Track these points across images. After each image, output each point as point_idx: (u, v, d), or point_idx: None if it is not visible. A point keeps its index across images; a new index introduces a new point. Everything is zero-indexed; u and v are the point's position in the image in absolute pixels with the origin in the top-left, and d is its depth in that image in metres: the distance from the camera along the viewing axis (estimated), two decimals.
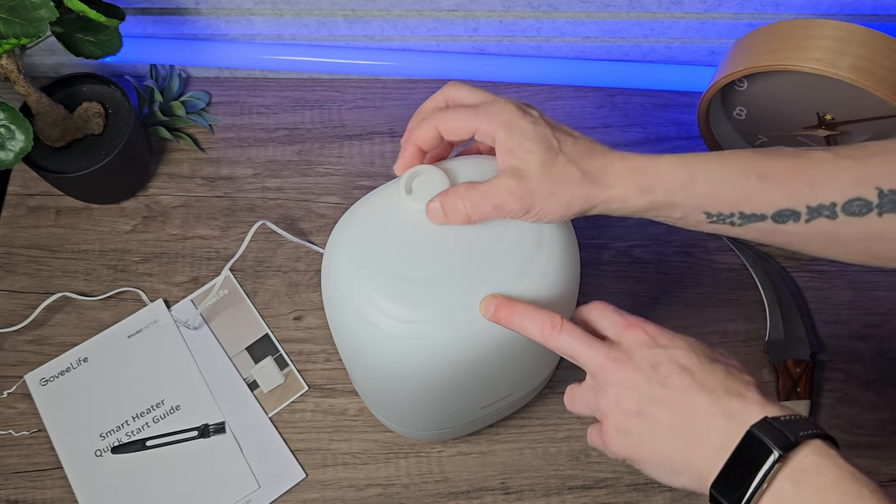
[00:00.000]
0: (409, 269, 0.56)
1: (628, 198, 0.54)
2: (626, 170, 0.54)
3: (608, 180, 0.54)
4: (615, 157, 0.54)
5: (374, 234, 0.57)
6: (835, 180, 0.52)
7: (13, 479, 0.76)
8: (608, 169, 0.54)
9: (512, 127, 0.54)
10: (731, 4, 0.82)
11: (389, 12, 0.86)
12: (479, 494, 0.75)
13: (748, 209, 0.54)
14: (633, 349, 0.51)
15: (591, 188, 0.54)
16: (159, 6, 0.87)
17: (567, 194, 0.53)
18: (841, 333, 0.81)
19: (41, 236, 0.86)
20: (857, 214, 0.52)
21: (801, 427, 0.46)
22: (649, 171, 0.53)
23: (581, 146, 0.54)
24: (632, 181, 0.54)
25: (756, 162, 0.54)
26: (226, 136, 0.91)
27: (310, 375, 0.80)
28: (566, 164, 0.53)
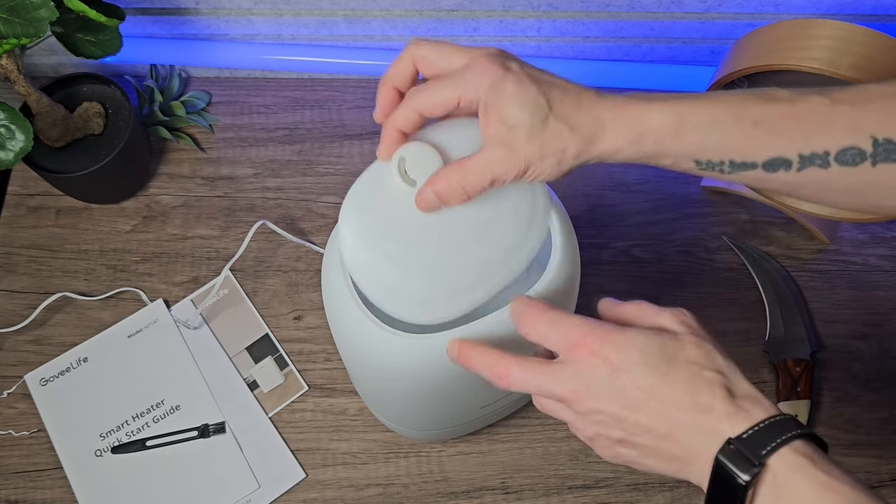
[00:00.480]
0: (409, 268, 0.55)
1: (619, 150, 0.52)
2: (616, 122, 0.51)
3: (599, 135, 0.51)
4: (605, 108, 0.51)
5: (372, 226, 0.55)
6: (829, 128, 0.51)
7: (13, 479, 0.76)
8: (598, 123, 0.51)
9: (496, 91, 0.51)
10: (731, 4, 0.82)
11: (389, 12, 0.86)
12: (479, 494, 0.75)
13: (738, 157, 0.52)
14: (586, 375, 0.48)
15: (583, 145, 0.51)
16: (159, 6, 0.87)
17: (558, 154, 0.51)
18: (841, 333, 0.81)
19: (41, 236, 0.86)
20: (851, 164, 0.50)
21: (766, 440, 0.44)
22: (640, 121, 0.51)
23: (569, 100, 0.51)
24: (622, 133, 0.51)
25: (749, 108, 0.51)
26: (226, 136, 0.91)
27: (310, 375, 0.80)
28: (555, 124, 0.51)
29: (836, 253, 0.85)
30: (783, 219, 0.86)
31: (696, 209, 0.87)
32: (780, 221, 0.86)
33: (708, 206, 0.87)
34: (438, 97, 0.52)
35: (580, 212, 0.86)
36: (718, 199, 0.87)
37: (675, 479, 0.75)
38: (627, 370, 0.47)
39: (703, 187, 0.88)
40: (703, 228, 0.86)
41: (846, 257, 0.85)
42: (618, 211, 0.86)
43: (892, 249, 0.85)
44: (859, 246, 0.85)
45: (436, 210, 0.54)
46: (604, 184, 0.88)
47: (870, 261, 0.84)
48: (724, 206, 0.87)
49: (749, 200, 0.86)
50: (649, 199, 0.87)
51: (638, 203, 0.87)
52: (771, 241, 0.85)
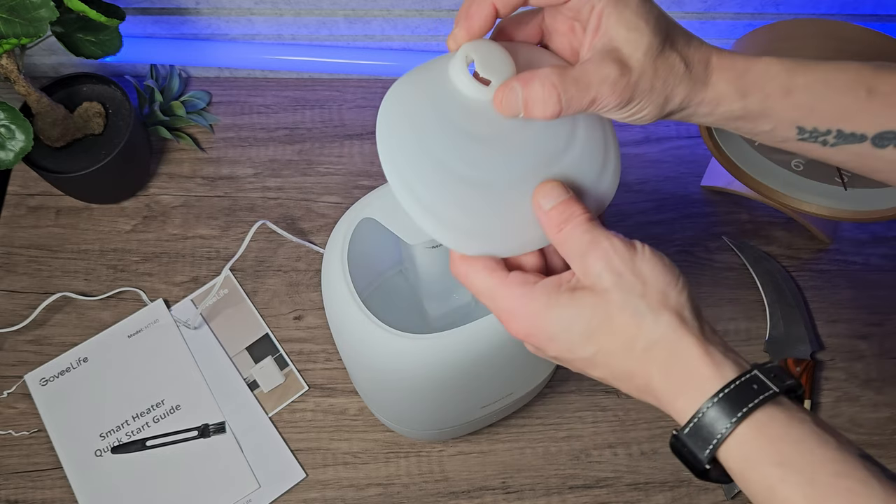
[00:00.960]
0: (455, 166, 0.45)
1: (722, 100, 0.46)
2: (724, 66, 0.46)
3: (707, 77, 0.46)
4: (711, 50, 0.46)
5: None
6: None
7: (13, 479, 0.76)
8: (707, 63, 0.46)
9: None
10: (731, 4, 0.82)
11: (389, 12, 0.86)
12: (480, 494, 0.75)
13: (848, 127, 0.47)
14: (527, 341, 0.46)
15: (692, 86, 0.46)
16: (159, 6, 0.87)
17: (667, 89, 0.45)
18: (841, 332, 0.81)
19: (41, 236, 0.86)
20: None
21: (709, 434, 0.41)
22: (749, 70, 0.46)
23: (682, 33, 0.46)
24: (730, 80, 0.46)
25: (864, 75, 0.47)
26: (226, 136, 0.91)
27: (310, 375, 0.80)
28: (671, 53, 0.44)
29: (837, 253, 0.85)
30: (783, 219, 0.86)
31: (697, 209, 0.87)
32: (780, 221, 0.86)
33: (708, 206, 0.87)
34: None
35: None
36: (719, 199, 0.87)
37: (675, 479, 0.75)
38: (562, 355, 0.45)
39: (704, 187, 0.88)
40: (704, 228, 0.86)
41: (847, 257, 0.85)
42: (618, 211, 0.86)
43: (892, 249, 0.85)
44: (860, 246, 0.85)
45: (511, 116, 0.45)
46: None
47: (870, 260, 0.84)
48: (724, 206, 0.87)
49: (749, 200, 0.86)
50: (650, 199, 0.87)
51: (638, 203, 0.87)
52: (771, 241, 0.85)
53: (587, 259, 0.44)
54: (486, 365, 0.59)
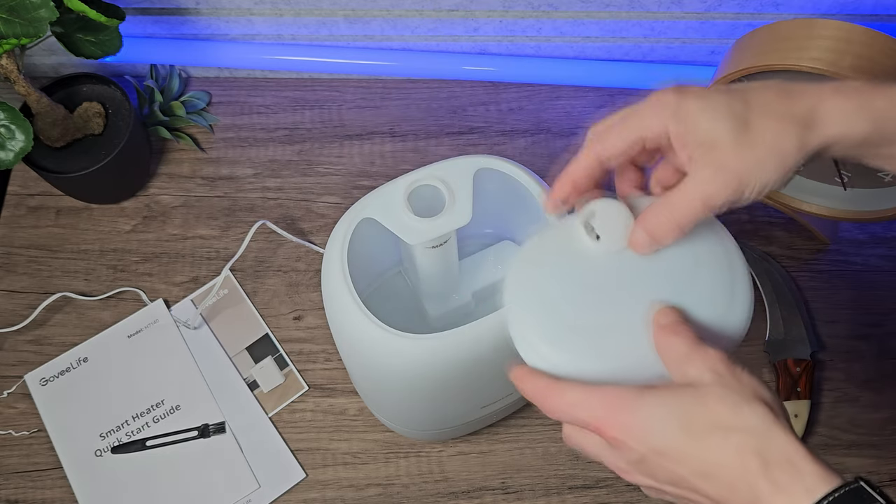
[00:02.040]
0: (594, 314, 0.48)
1: (851, 128, 0.44)
2: (844, 98, 0.44)
3: (822, 116, 0.44)
4: (823, 91, 0.44)
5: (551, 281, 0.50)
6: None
7: (13, 479, 0.76)
8: (819, 105, 0.44)
9: (681, 115, 0.45)
10: (731, 4, 0.82)
11: (389, 12, 0.86)
12: (479, 494, 0.75)
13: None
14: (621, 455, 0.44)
15: (805, 133, 0.44)
16: (159, 6, 0.87)
17: (778, 151, 0.44)
18: (841, 333, 0.81)
19: (41, 236, 0.86)
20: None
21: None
22: (873, 101, 0.44)
23: (771, 92, 0.45)
24: (854, 108, 0.44)
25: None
26: (226, 136, 0.91)
27: (310, 375, 0.80)
28: (761, 121, 0.44)
29: (837, 253, 0.85)
30: (783, 219, 0.86)
31: None
32: (780, 221, 0.86)
33: None
34: (620, 140, 0.47)
35: None
36: None
37: None
38: (653, 451, 0.43)
39: None
40: None
41: (846, 257, 0.85)
42: None
43: (892, 249, 0.85)
44: (859, 246, 0.85)
45: (651, 251, 0.48)
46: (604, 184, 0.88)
47: (870, 261, 0.84)
48: None
49: None
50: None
51: None
52: (771, 241, 0.85)
53: (691, 360, 0.44)
54: (487, 365, 0.59)
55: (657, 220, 0.46)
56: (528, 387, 0.47)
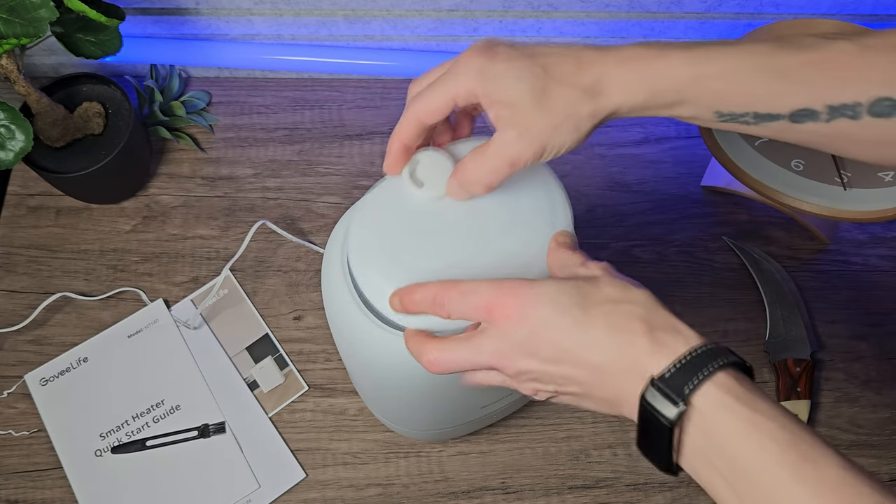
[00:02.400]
0: (410, 268, 0.54)
1: (636, 102, 0.49)
2: (626, 75, 0.49)
3: (610, 89, 0.49)
4: (610, 63, 0.49)
5: (379, 228, 0.56)
6: (861, 78, 0.47)
7: (13, 479, 0.76)
8: (605, 77, 0.49)
9: (487, 74, 0.49)
10: (731, 4, 0.82)
11: (389, 12, 0.86)
12: (479, 494, 0.75)
13: (763, 109, 0.49)
14: (505, 337, 0.48)
15: (596, 102, 0.49)
16: (159, 6, 0.87)
17: (573, 117, 0.49)
18: (841, 333, 0.81)
19: (41, 236, 0.86)
20: (884, 115, 0.47)
21: (688, 375, 0.43)
22: (653, 72, 0.49)
23: (567, 63, 0.49)
24: (635, 86, 0.49)
25: (773, 57, 0.48)
26: (226, 136, 0.91)
27: (310, 375, 0.80)
28: (559, 87, 0.49)
29: (836, 253, 0.85)
30: (783, 219, 0.86)
31: (696, 209, 0.87)
32: (780, 221, 0.86)
33: (708, 206, 0.87)
34: (434, 100, 0.51)
35: (580, 212, 0.86)
36: (718, 199, 0.87)
37: (675, 480, 0.75)
38: (542, 324, 0.46)
39: (704, 187, 0.88)
40: (703, 229, 0.86)
41: (846, 257, 0.85)
42: (617, 211, 0.86)
43: (891, 249, 0.85)
44: (859, 246, 0.85)
45: (468, 198, 0.53)
46: (603, 184, 0.88)
47: (870, 261, 0.84)
48: (724, 207, 0.87)
49: (749, 200, 0.86)
50: (649, 199, 0.87)
51: (638, 203, 0.87)
52: (771, 241, 0.85)
53: (584, 265, 0.50)
54: None
55: (470, 174, 0.52)
56: (417, 297, 0.51)
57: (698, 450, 0.43)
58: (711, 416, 0.43)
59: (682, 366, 0.43)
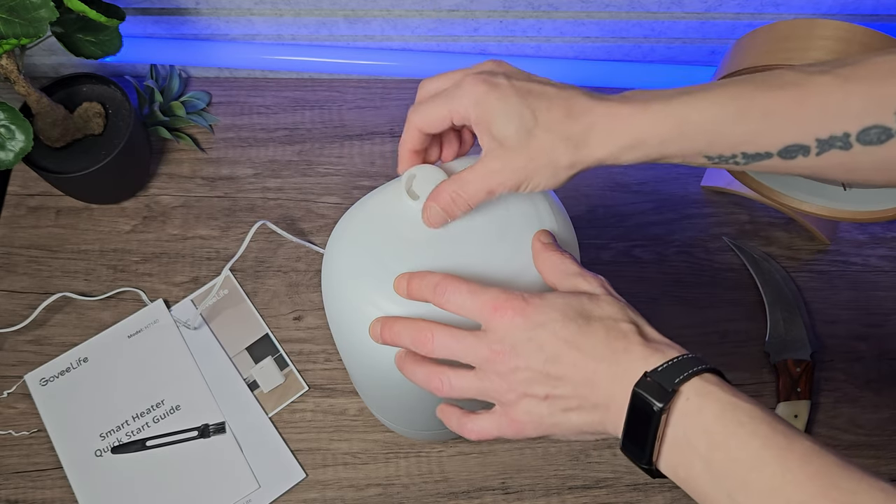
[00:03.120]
0: (409, 269, 0.55)
1: (619, 155, 0.51)
2: (610, 129, 0.50)
3: (593, 142, 0.51)
4: (598, 115, 0.51)
5: (374, 234, 0.57)
6: (847, 108, 0.48)
7: (13, 479, 0.76)
8: (591, 130, 0.51)
9: (482, 105, 0.52)
10: (731, 4, 0.82)
11: (389, 12, 0.86)
12: (479, 494, 0.75)
13: (751, 149, 0.50)
14: (509, 335, 0.49)
15: (577, 153, 0.51)
16: (159, 6, 0.87)
17: (552, 165, 0.52)
18: (841, 333, 0.81)
19: (41, 236, 0.86)
20: (875, 143, 0.48)
21: (678, 371, 0.46)
22: (636, 126, 0.50)
23: (557, 109, 0.51)
24: (619, 140, 0.50)
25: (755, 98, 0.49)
26: (226, 136, 0.91)
27: (310, 375, 0.80)
28: (544, 134, 0.51)
29: (836, 253, 0.85)
30: (783, 219, 0.86)
31: (696, 210, 0.87)
32: (780, 222, 0.86)
33: (708, 206, 0.87)
34: (432, 114, 0.54)
35: (580, 212, 0.86)
36: (718, 199, 0.87)
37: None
38: (546, 325, 0.49)
39: (704, 187, 0.88)
40: (704, 229, 0.86)
41: (846, 258, 0.85)
42: (618, 211, 0.86)
43: (891, 250, 0.85)
44: (859, 246, 0.85)
45: (442, 223, 0.56)
46: (604, 184, 0.88)
47: (870, 261, 0.84)
48: (724, 207, 0.87)
49: (749, 200, 0.86)
50: (649, 199, 0.87)
51: (638, 203, 0.87)
52: (771, 241, 0.85)
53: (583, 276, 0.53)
54: None
55: (447, 196, 0.54)
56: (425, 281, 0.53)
57: (680, 439, 0.46)
58: (696, 401, 0.46)
59: (674, 363, 0.47)
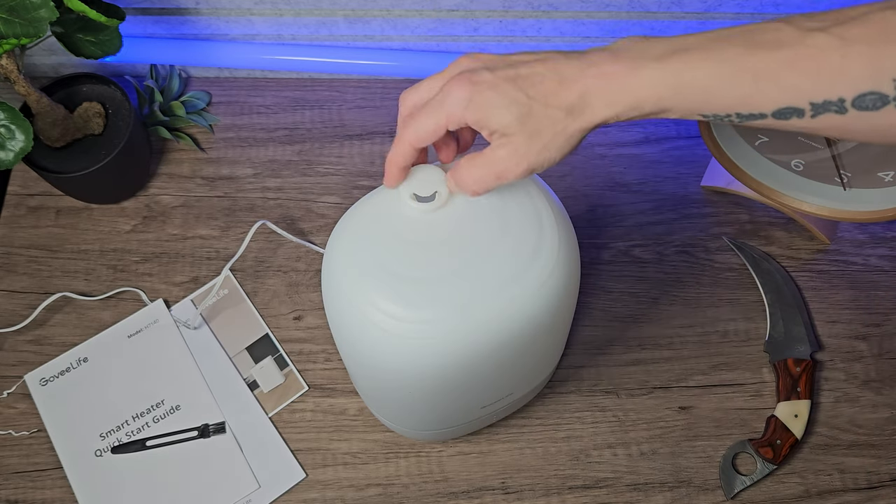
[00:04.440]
0: (409, 269, 0.55)
1: (620, 115, 0.51)
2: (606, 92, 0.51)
3: (591, 107, 0.51)
4: (590, 78, 0.51)
5: (374, 234, 0.57)
6: (843, 73, 0.47)
7: (13, 479, 0.76)
8: (587, 95, 0.51)
9: (474, 105, 0.52)
10: (731, 4, 0.82)
11: (389, 12, 0.86)
12: (479, 494, 0.75)
13: (745, 110, 0.50)
14: None
15: (580, 119, 0.51)
16: (159, 6, 0.87)
17: (558, 138, 0.52)
18: (841, 333, 0.81)
19: (41, 236, 0.86)
20: (871, 109, 0.47)
21: None
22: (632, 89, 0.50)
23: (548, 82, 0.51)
24: (617, 103, 0.51)
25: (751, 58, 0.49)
26: (226, 136, 0.91)
27: (310, 375, 0.80)
28: (543, 109, 0.51)
29: (836, 253, 0.85)
30: (783, 219, 0.86)
31: (696, 209, 0.87)
32: (780, 221, 0.86)
33: (708, 206, 0.87)
34: (425, 127, 0.54)
35: (580, 212, 0.86)
36: (718, 199, 0.87)
37: (675, 480, 0.75)
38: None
39: (704, 187, 0.88)
40: (703, 228, 0.86)
41: (846, 257, 0.85)
42: (618, 211, 0.86)
43: (892, 249, 0.85)
44: (859, 246, 0.85)
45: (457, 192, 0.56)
46: (604, 184, 0.88)
47: (870, 261, 0.84)
48: (724, 206, 0.87)
49: (749, 200, 0.86)
50: (649, 199, 0.87)
51: (638, 203, 0.87)
52: (771, 241, 0.85)
53: None
54: (486, 365, 0.59)
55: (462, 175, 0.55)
56: None
57: None
58: None
59: None
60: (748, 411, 0.78)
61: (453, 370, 0.58)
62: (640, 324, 0.81)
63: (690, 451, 0.76)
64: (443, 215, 0.56)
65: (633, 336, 0.81)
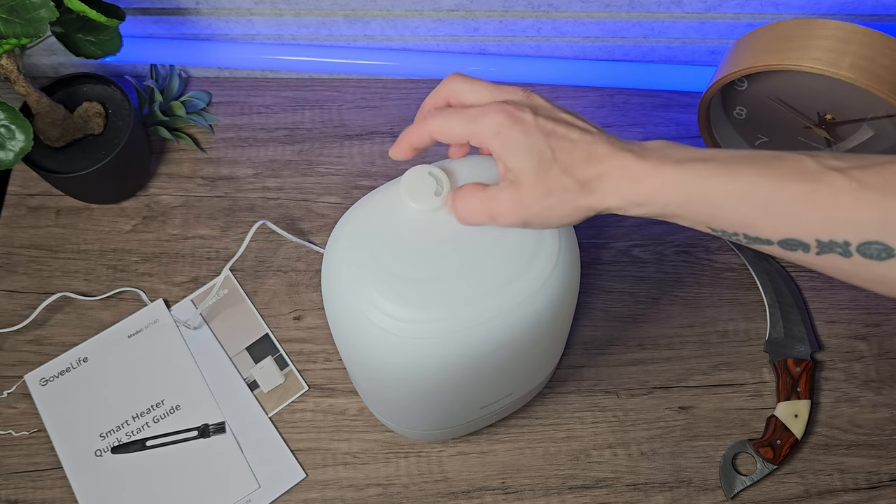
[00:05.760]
0: (409, 270, 0.55)
1: (627, 208, 0.52)
2: (620, 182, 0.51)
3: (603, 191, 0.51)
4: (612, 165, 0.51)
5: (374, 234, 0.57)
6: (853, 218, 0.47)
7: (13, 479, 0.76)
8: (602, 179, 0.51)
9: (503, 138, 0.52)
10: (731, 4, 0.82)
11: (389, 12, 0.86)
12: (479, 494, 0.75)
13: (752, 233, 0.50)
14: None
15: (588, 199, 0.52)
16: (159, 6, 0.87)
17: (563, 207, 0.52)
18: (841, 333, 0.81)
19: (41, 236, 0.86)
20: (875, 258, 0.47)
21: None
22: (644, 187, 0.50)
23: (578, 152, 0.51)
24: (626, 195, 0.51)
25: (765, 183, 0.48)
26: (226, 136, 0.91)
27: (310, 375, 0.80)
28: (560, 175, 0.51)
29: None
30: None
31: None
32: None
33: None
34: (451, 130, 0.54)
35: None
36: None
37: (675, 480, 0.75)
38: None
39: None
40: None
41: None
42: None
43: None
44: None
45: None
46: None
47: None
48: None
49: None
50: None
51: None
52: None
53: None
54: (486, 365, 0.59)
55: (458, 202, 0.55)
56: None
57: None
58: None
59: None
60: (748, 411, 0.78)
61: (453, 370, 0.58)
62: (640, 324, 0.81)
63: (690, 451, 0.76)
64: (443, 215, 0.56)
65: (633, 336, 0.81)
